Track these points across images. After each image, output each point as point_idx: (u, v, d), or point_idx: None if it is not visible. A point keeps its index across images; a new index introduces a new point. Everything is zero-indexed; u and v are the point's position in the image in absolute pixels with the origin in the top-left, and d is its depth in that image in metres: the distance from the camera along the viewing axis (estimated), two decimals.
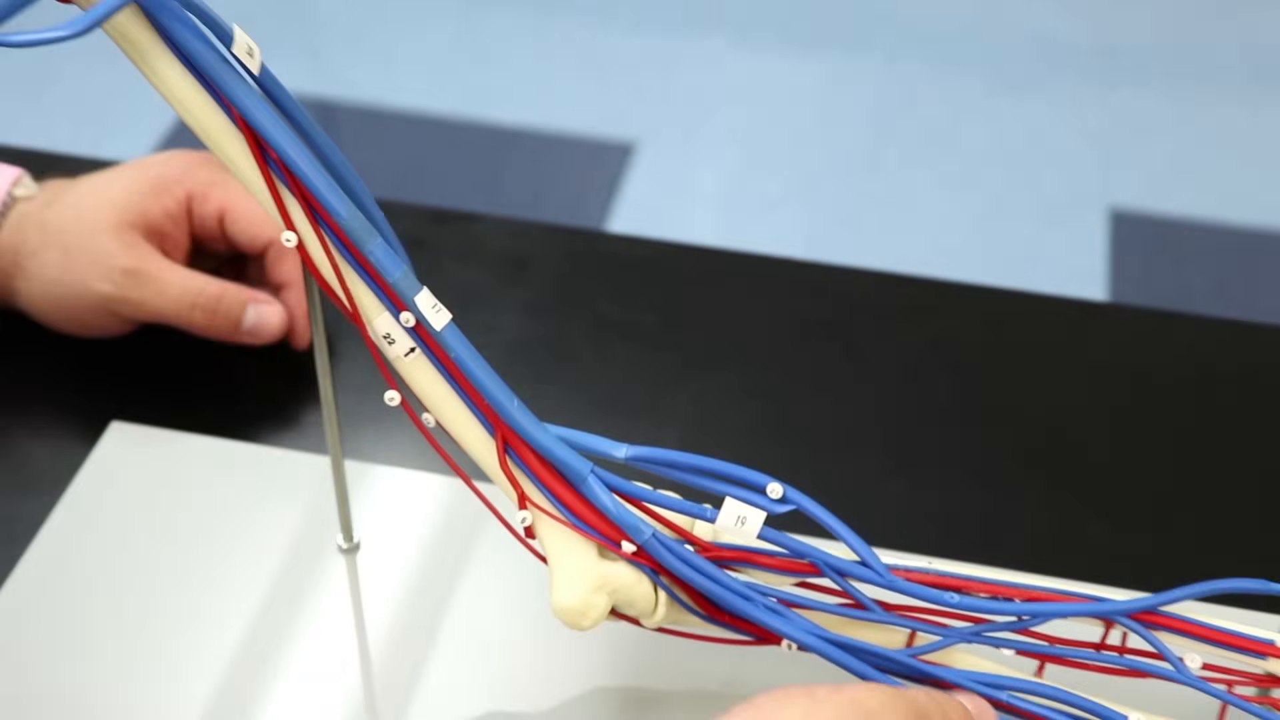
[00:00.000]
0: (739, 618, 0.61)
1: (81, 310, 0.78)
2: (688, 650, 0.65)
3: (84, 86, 2.23)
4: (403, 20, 2.44)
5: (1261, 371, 0.85)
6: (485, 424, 0.60)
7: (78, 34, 0.49)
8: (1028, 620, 0.60)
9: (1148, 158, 2.23)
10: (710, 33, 2.44)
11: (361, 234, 0.56)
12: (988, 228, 2.11)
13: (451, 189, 2.14)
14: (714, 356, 0.84)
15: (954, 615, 0.60)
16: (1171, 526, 0.76)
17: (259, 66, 0.53)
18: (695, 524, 0.61)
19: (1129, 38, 2.43)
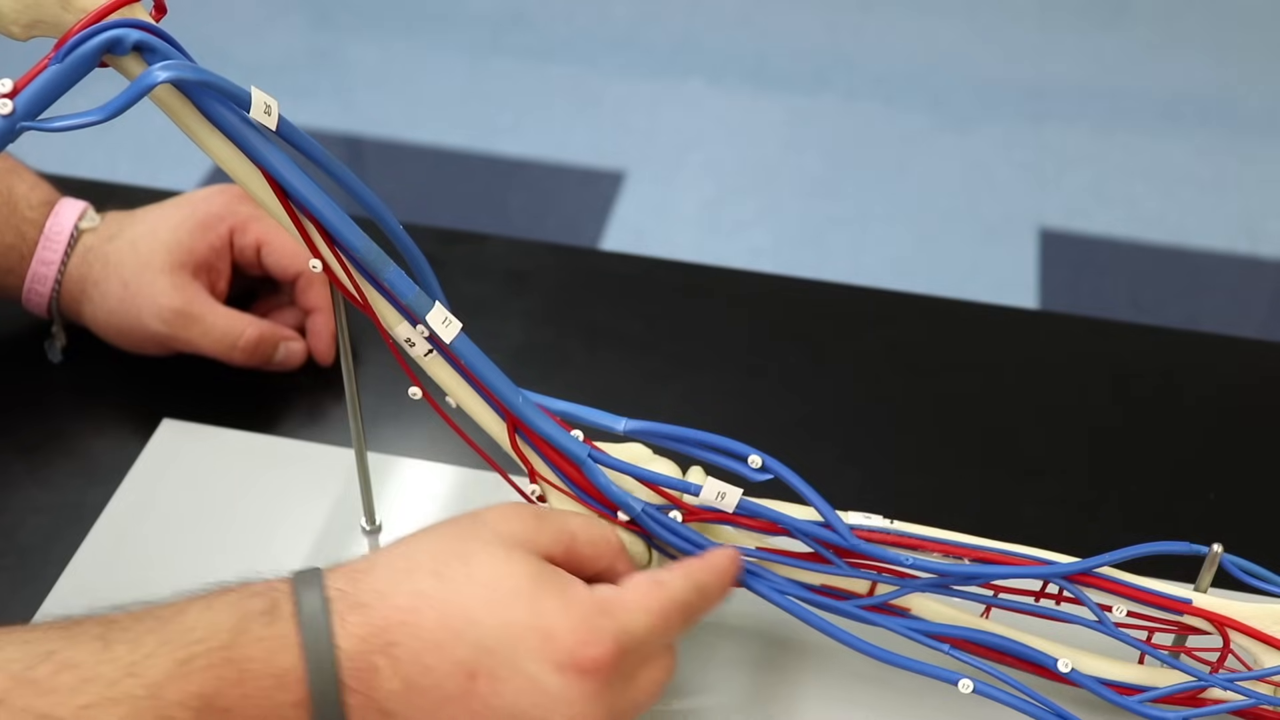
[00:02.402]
0: None
1: (137, 339, 0.77)
2: None
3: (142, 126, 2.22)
4: (421, 66, 2.44)
5: (1171, 369, 0.84)
6: (498, 412, 0.60)
7: (109, 117, 0.49)
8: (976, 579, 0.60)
9: (1072, 184, 2.23)
10: (689, 76, 2.44)
11: (377, 263, 0.56)
12: (933, 245, 2.11)
13: (462, 212, 2.14)
14: (694, 359, 0.84)
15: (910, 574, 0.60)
16: (1095, 505, 0.76)
17: (276, 122, 0.53)
18: (682, 496, 0.61)
19: (1055, 81, 2.44)
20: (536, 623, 0.50)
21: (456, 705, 0.49)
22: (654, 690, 0.54)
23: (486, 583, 0.50)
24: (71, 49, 0.49)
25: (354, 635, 0.49)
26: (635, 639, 0.51)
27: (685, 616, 0.54)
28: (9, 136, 0.48)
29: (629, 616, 0.52)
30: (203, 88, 0.51)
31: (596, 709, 0.50)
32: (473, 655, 0.49)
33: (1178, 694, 0.60)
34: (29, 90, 0.48)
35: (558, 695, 0.49)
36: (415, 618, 0.49)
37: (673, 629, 0.54)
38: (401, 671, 0.49)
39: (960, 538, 0.61)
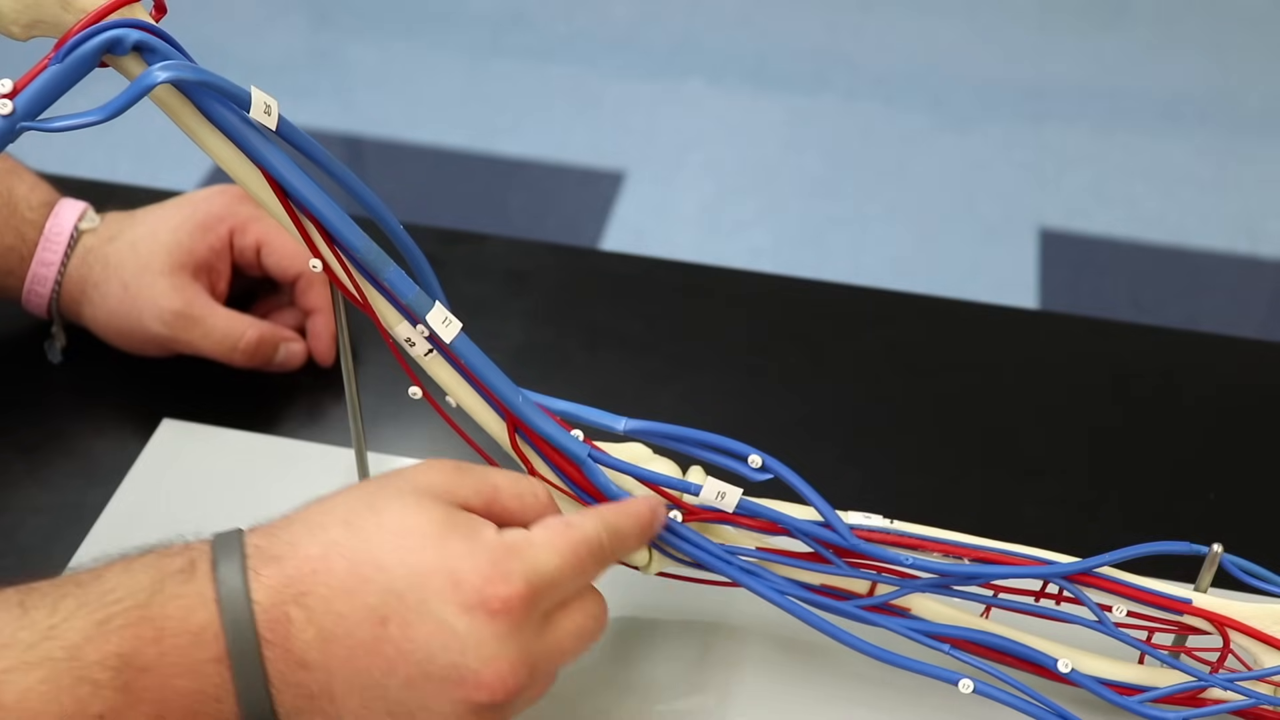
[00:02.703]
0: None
1: (137, 340, 0.77)
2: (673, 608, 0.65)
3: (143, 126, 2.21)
4: (421, 66, 2.44)
5: (1171, 369, 0.84)
6: (498, 412, 0.60)
7: (109, 117, 0.49)
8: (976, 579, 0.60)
9: (1072, 184, 2.23)
10: (689, 76, 2.44)
11: (378, 263, 0.56)
12: (933, 245, 2.11)
13: (463, 212, 2.14)
14: (694, 359, 0.84)
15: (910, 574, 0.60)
16: (1095, 505, 0.76)
17: (276, 121, 0.52)
18: (682, 496, 0.61)
19: (1055, 81, 2.44)
20: (443, 565, 0.49)
21: (371, 652, 0.49)
22: (579, 637, 0.54)
23: (396, 530, 0.50)
24: (71, 49, 0.49)
25: (267, 587, 0.49)
26: (545, 579, 0.51)
27: (598, 558, 0.54)
28: (9, 136, 0.48)
29: (538, 556, 0.51)
30: (202, 88, 0.51)
31: (509, 650, 0.50)
32: (383, 601, 0.49)
33: (1178, 694, 0.60)
34: (29, 90, 0.48)
35: (468, 637, 0.49)
36: (326, 566, 0.49)
37: (586, 570, 0.53)
38: (315, 621, 0.49)
39: (960, 538, 0.61)
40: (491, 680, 0.49)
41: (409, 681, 0.49)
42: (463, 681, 0.49)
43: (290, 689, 0.49)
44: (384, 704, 0.50)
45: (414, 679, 0.49)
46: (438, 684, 0.49)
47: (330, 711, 0.50)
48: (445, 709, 0.50)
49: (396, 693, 0.49)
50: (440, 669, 0.49)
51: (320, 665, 0.49)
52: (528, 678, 0.51)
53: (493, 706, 0.50)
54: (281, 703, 0.49)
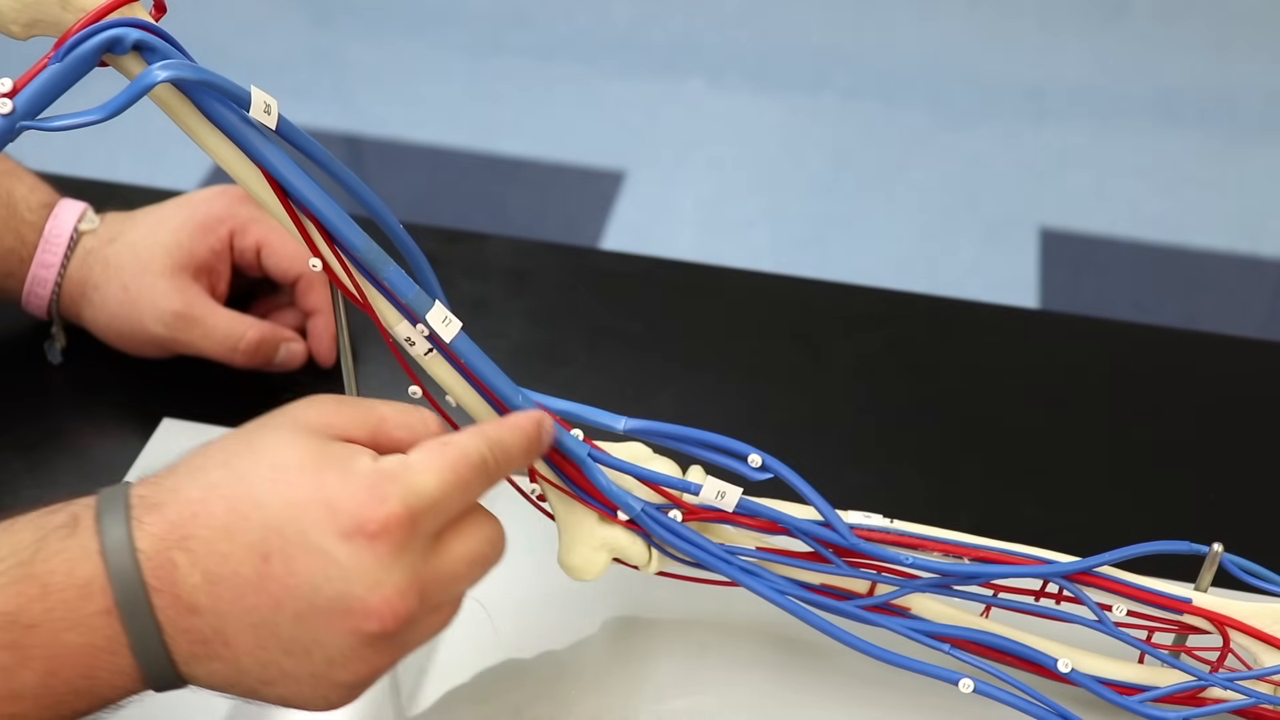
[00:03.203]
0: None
1: (138, 341, 0.77)
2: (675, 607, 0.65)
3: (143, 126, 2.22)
4: (421, 65, 2.44)
5: (1172, 369, 0.84)
6: (498, 411, 0.60)
7: (109, 116, 0.49)
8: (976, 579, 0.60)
9: (1073, 184, 2.23)
10: (690, 76, 2.44)
11: (377, 262, 0.56)
12: (934, 244, 2.11)
13: (463, 212, 2.14)
14: (694, 358, 0.84)
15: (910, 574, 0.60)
16: (1095, 505, 0.76)
17: (276, 120, 0.52)
18: (682, 495, 0.61)
19: (1056, 81, 2.44)
20: (319, 495, 0.49)
21: (257, 590, 0.48)
22: (473, 561, 0.52)
23: (272, 466, 0.50)
24: (71, 48, 0.48)
25: (150, 535, 0.48)
26: (425, 499, 0.50)
27: (481, 474, 0.52)
28: (9, 136, 0.48)
29: (415, 477, 0.50)
30: (202, 87, 0.51)
31: (394, 575, 0.49)
32: (262, 537, 0.48)
33: (1178, 693, 0.60)
34: (29, 90, 0.48)
35: (350, 564, 0.48)
36: (206, 509, 0.49)
37: (469, 488, 0.52)
38: (200, 564, 0.48)
39: (960, 537, 0.61)
40: (379, 607, 0.48)
41: (298, 616, 0.48)
42: (350, 611, 0.48)
43: (183, 635, 0.48)
44: (278, 642, 0.49)
45: (302, 613, 0.48)
46: (326, 616, 0.48)
47: (226, 655, 0.49)
48: (338, 641, 0.49)
49: (288, 629, 0.49)
50: (327, 600, 0.48)
51: (210, 608, 0.48)
52: (418, 603, 0.50)
53: (385, 635, 0.49)
54: (177, 650, 0.49)
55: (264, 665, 0.49)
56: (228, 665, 0.49)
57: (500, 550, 0.54)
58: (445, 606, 0.53)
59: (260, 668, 0.49)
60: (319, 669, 0.50)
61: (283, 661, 0.49)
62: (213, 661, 0.49)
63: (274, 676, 0.50)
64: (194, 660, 0.49)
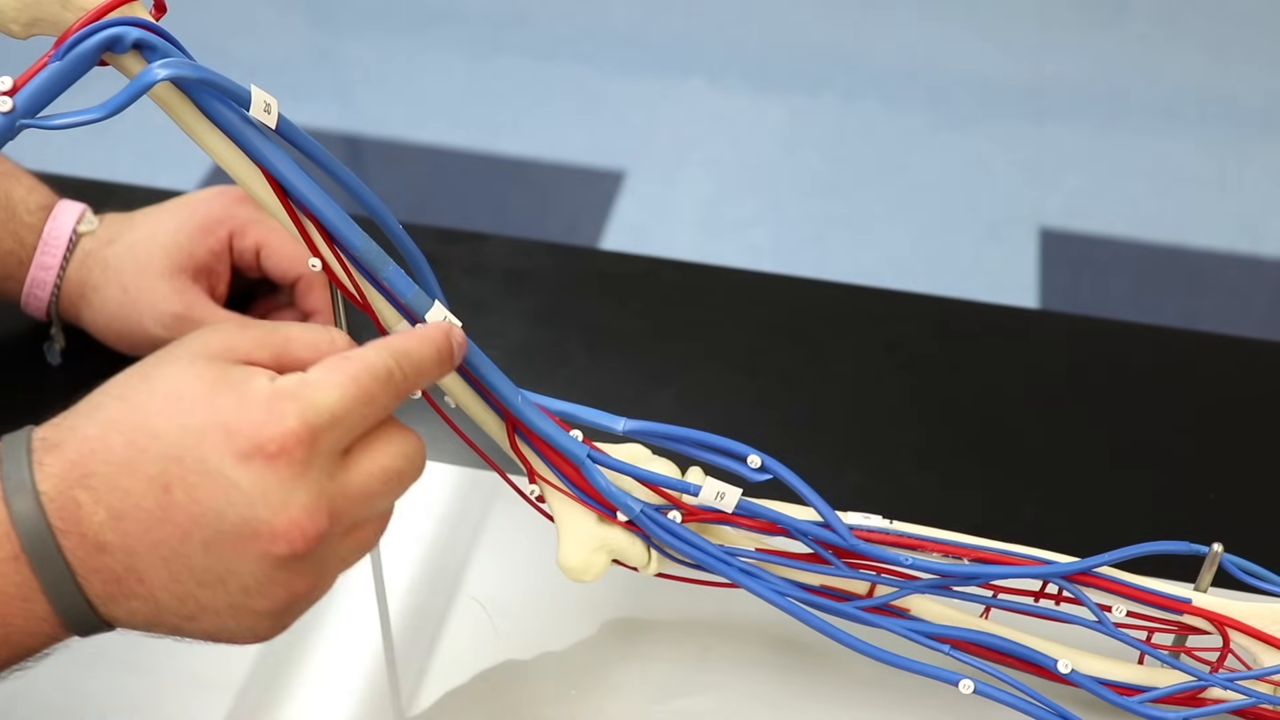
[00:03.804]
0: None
1: (137, 343, 0.77)
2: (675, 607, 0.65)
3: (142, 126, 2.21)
4: (421, 65, 2.44)
5: (1172, 369, 0.84)
6: (497, 412, 0.60)
7: (109, 114, 0.48)
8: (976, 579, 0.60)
9: (1072, 183, 2.23)
10: (690, 76, 2.44)
11: (377, 262, 0.56)
12: (933, 244, 2.11)
13: (462, 212, 2.14)
14: (694, 359, 0.84)
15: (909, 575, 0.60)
16: (1094, 505, 0.76)
17: (276, 120, 0.52)
18: (681, 496, 0.61)
19: (1055, 80, 2.44)
20: (215, 419, 0.48)
21: (163, 522, 0.47)
22: (387, 477, 0.51)
23: (167, 395, 0.49)
24: (71, 46, 0.48)
25: (52, 476, 0.48)
26: (325, 414, 0.48)
27: (386, 386, 0.51)
28: (8, 134, 0.47)
29: (313, 393, 0.48)
30: (202, 85, 0.51)
31: (299, 494, 0.47)
32: (162, 468, 0.47)
33: (1178, 694, 0.60)
34: (29, 88, 0.48)
35: (251, 487, 0.47)
36: (104, 445, 0.48)
37: (373, 400, 0.50)
38: (102, 501, 0.47)
39: (959, 538, 0.61)
40: (285, 528, 0.47)
41: (206, 545, 0.47)
42: (257, 535, 0.47)
43: (96, 575, 0.48)
44: (190, 574, 0.48)
45: (210, 541, 0.47)
46: (234, 542, 0.47)
47: (142, 592, 0.48)
48: (250, 568, 0.48)
49: (199, 559, 0.48)
50: (232, 526, 0.47)
51: (118, 545, 0.48)
52: (327, 522, 0.48)
53: (296, 557, 0.48)
54: (92, 591, 0.48)
55: (181, 599, 0.48)
56: (145, 603, 0.48)
57: (419, 465, 0.52)
58: (365, 526, 0.51)
59: (178, 602, 0.49)
60: (236, 598, 0.49)
61: (199, 594, 0.48)
62: (130, 600, 0.48)
63: (193, 610, 0.49)
64: (111, 600, 0.48)
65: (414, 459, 0.52)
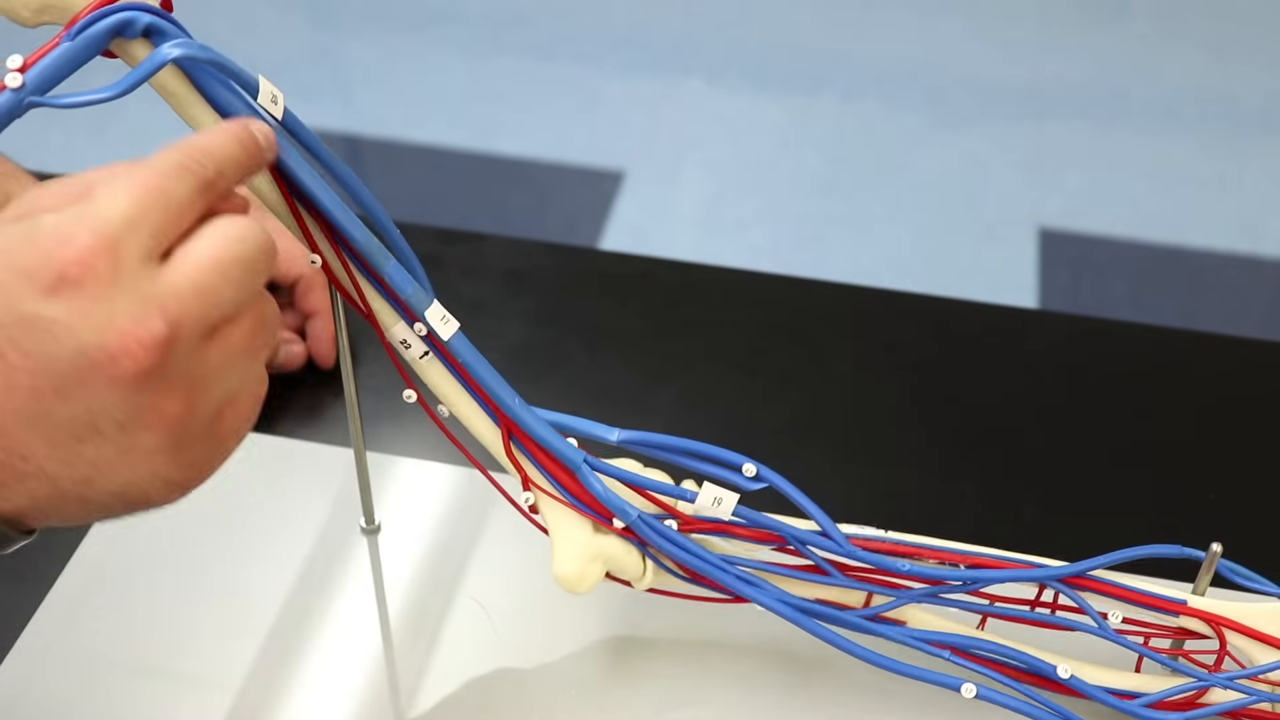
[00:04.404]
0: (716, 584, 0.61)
1: None
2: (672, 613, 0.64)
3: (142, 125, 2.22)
4: (420, 65, 2.44)
5: (1171, 369, 0.84)
6: (492, 417, 0.59)
7: (119, 94, 0.48)
8: (972, 584, 0.60)
9: (1071, 183, 2.23)
10: (689, 76, 2.43)
11: (378, 257, 0.56)
12: (932, 244, 2.11)
13: (461, 212, 2.14)
14: (693, 358, 0.84)
15: (906, 580, 0.60)
16: (1094, 505, 0.76)
17: (282, 111, 0.53)
18: (678, 503, 0.60)
19: (1054, 80, 2.44)
20: (10, 266, 0.45)
21: (12, 389, 0.45)
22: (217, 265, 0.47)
23: None
24: (84, 28, 0.49)
25: None
26: (118, 221, 0.45)
27: (181, 178, 0.47)
28: (18, 111, 0.47)
29: (100, 207, 0.46)
30: (213, 68, 0.51)
31: (119, 306, 0.45)
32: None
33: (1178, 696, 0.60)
34: (39, 66, 0.48)
35: (69, 317, 0.45)
36: None
37: (169, 195, 0.47)
38: None
39: (954, 545, 0.61)
40: (119, 343, 0.45)
41: (59, 394, 0.45)
42: (95, 363, 0.45)
43: None
44: (63, 431, 0.46)
45: (61, 389, 0.45)
46: (79, 380, 0.45)
47: (31, 469, 0.46)
48: (111, 401, 0.45)
49: (62, 412, 0.46)
50: (71, 364, 0.45)
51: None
52: (164, 326, 0.45)
53: (146, 372, 0.45)
54: None
55: (69, 463, 0.46)
56: (39, 481, 0.46)
57: (258, 247, 0.48)
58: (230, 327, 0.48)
59: (68, 467, 0.46)
60: (117, 441, 0.46)
61: (83, 450, 0.46)
62: (24, 481, 0.46)
63: (86, 472, 0.47)
64: (4, 489, 0.46)
65: (245, 239, 0.48)
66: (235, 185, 0.50)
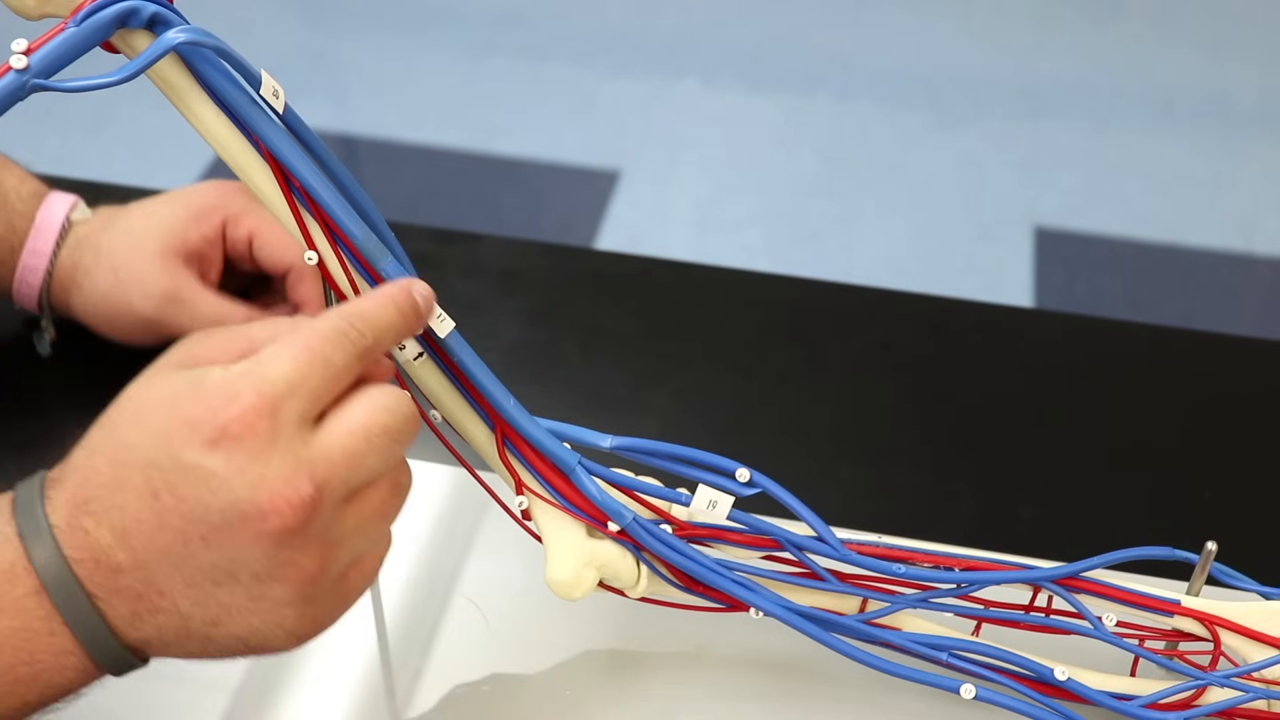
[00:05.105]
0: (712, 589, 0.61)
1: (125, 324, 0.77)
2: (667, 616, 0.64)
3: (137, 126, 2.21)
4: (415, 65, 2.44)
5: (1167, 368, 0.84)
6: (486, 419, 0.59)
7: (124, 79, 0.49)
8: (966, 587, 0.60)
9: (1067, 182, 2.24)
10: (684, 75, 2.43)
11: (375, 253, 0.56)
12: (928, 243, 2.11)
13: (457, 212, 2.14)
14: (689, 358, 0.83)
15: (901, 584, 0.60)
16: (1091, 505, 0.76)
17: (284, 106, 0.53)
18: (672, 506, 0.60)
19: (1050, 79, 2.44)
20: (177, 416, 0.48)
21: (161, 529, 0.48)
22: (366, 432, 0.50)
23: (135, 409, 0.49)
24: (90, 14, 0.49)
25: (59, 508, 0.49)
26: (279, 384, 0.48)
27: (341, 345, 0.50)
28: (21, 93, 0.48)
29: (264, 368, 0.48)
30: (219, 56, 0.51)
31: (273, 466, 0.47)
32: (145, 477, 0.48)
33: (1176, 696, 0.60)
34: (44, 50, 0.48)
35: (225, 471, 0.47)
36: (93, 468, 0.49)
37: (329, 362, 0.49)
38: (105, 522, 0.48)
39: (949, 549, 0.61)
40: (269, 501, 0.47)
41: (206, 541, 0.48)
42: (245, 516, 0.47)
43: (117, 597, 0.48)
44: (203, 574, 0.48)
45: (207, 535, 0.48)
46: (227, 530, 0.47)
47: (164, 605, 0.48)
48: (252, 553, 0.48)
49: (205, 556, 0.48)
50: (221, 515, 0.47)
51: (131, 563, 0.48)
52: (311, 488, 0.48)
53: (291, 530, 0.48)
54: (116, 616, 0.48)
55: (201, 603, 0.49)
56: (170, 616, 0.49)
57: (403, 415, 0.51)
58: (367, 492, 0.51)
59: (200, 607, 0.49)
60: (252, 589, 0.48)
61: (217, 594, 0.48)
62: (156, 615, 0.49)
63: (216, 613, 0.49)
64: (137, 620, 0.49)
65: (394, 409, 0.51)
66: (388, 350, 0.53)
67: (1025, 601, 0.62)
